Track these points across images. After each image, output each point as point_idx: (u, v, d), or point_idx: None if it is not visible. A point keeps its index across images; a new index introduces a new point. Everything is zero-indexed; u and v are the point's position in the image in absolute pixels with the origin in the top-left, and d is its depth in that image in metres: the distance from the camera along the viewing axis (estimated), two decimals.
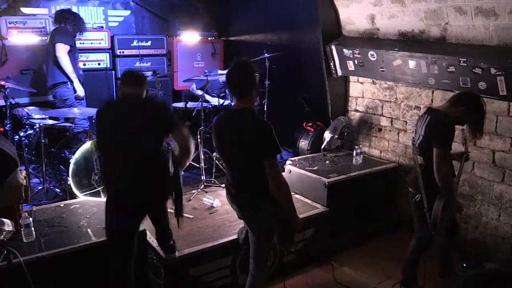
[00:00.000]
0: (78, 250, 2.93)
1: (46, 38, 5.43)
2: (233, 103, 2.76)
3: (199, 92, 6.02)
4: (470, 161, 4.20)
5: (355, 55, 4.86)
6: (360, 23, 4.86)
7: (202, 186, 4.71)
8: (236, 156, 2.76)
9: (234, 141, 2.71)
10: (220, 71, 5.42)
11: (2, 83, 4.37)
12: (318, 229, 4.06)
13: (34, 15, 5.65)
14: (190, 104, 5.50)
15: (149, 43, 6.68)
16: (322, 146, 5.16)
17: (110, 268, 2.84)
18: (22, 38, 5.40)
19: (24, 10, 5.70)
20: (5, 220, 2.85)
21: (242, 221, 3.00)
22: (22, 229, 2.96)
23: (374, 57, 4.65)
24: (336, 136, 5.16)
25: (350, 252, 4.30)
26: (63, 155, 4.37)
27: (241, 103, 2.73)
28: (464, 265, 3.87)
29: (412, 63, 4.29)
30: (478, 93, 3.37)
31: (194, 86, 6.26)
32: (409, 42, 4.44)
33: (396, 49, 4.40)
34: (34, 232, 3.00)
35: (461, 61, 3.83)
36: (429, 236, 3.22)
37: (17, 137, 4.54)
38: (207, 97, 5.88)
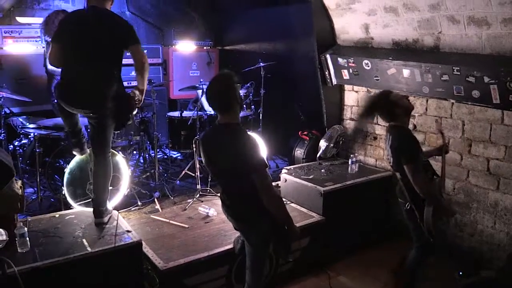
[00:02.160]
0: (73, 261, 2.90)
1: (41, 47, 5.43)
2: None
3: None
4: (465, 169, 4.22)
5: (350, 64, 4.89)
6: (355, 32, 4.90)
7: (198, 195, 4.69)
8: (224, 172, 2.75)
9: (220, 158, 2.69)
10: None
11: None
12: (314, 238, 4.05)
13: (29, 24, 5.64)
14: (185, 113, 5.50)
15: (144, 52, 6.68)
16: (318, 155, 5.17)
17: None
18: (17, 47, 5.40)
19: (20, 19, 5.70)
20: None
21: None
22: (16, 239, 2.93)
23: (368, 66, 4.68)
24: (332, 145, 5.18)
25: (346, 261, 4.29)
26: (57, 164, 4.34)
27: (223, 118, 2.68)
28: (461, 273, 3.87)
29: (406, 72, 4.32)
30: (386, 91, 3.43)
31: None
32: (403, 51, 4.48)
33: (390, 58, 4.44)
34: (28, 242, 2.97)
35: (455, 70, 3.86)
36: (429, 244, 3.23)
37: (11, 146, 4.52)
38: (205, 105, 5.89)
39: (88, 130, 4.09)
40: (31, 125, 4.60)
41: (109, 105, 3.36)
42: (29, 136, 4.48)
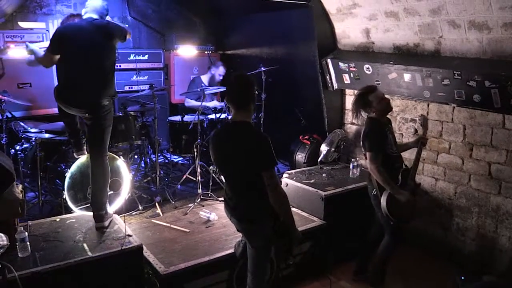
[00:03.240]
0: (74, 265, 2.89)
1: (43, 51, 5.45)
2: (230, 116, 2.83)
3: (196, 103, 6.02)
4: (466, 173, 4.22)
5: (351, 69, 4.89)
6: (356, 37, 4.91)
7: (199, 199, 4.69)
8: (234, 169, 2.78)
9: (232, 154, 2.74)
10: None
11: None
12: (315, 242, 4.05)
13: (31, 29, 5.67)
14: (187, 118, 5.50)
15: (146, 57, 6.71)
16: (319, 159, 5.17)
17: None
18: (19, 52, 5.41)
19: (22, 24, 5.72)
20: (0, 234, 2.83)
21: (239, 234, 2.99)
22: (17, 244, 2.93)
23: (369, 70, 4.68)
24: (333, 149, 5.17)
25: (347, 266, 4.26)
26: (59, 168, 4.34)
27: (238, 115, 2.76)
28: (463, 278, 3.86)
29: (407, 76, 4.32)
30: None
31: (191, 101, 6.24)
32: (404, 55, 4.49)
33: (391, 62, 4.44)
34: (29, 247, 2.97)
35: (456, 74, 3.86)
36: (397, 231, 3.61)
37: (13, 151, 4.52)
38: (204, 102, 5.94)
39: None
40: (33, 130, 4.61)
41: (106, 106, 3.48)
42: (31, 141, 4.49)
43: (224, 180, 2.95)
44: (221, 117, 5.50)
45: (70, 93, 3.48)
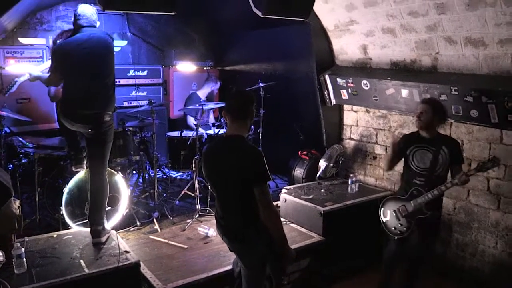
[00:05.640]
0: (70, 282, 2.87)
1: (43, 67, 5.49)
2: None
3: (193, 121, 6.06)
4: (465, 188, 4.20)
5: (349, 84, 4.93)
6: (353, 53, 4.96)
7: (197, 215, 4.67)
8: (227, 184, 2.73)
9: (224, 168, 2.69)
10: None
11: None
12: (314, 258, 4.02)
13: (31, 45, 5.72)
14: (185, 133, 5.51)
15: (145, 73, 6.76)
16: (318, 175, 5.16)
17: None
18: (19, 68, 5.44)
19: (22, 40, 5.77)
20: None
21: None
22: (13, 260, 2.90)
23: (367, 86, 4.71)
24: (331, 165, 5.17)
25: (346, 282, 4.23)
26: (56, 184, 4.33)
27: (233, 128, 2.73)
28: None
29: (404, 92, 4.35)
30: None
31: (191, 120, 6.26)
32: (401, 71, 4.52)
33: (389, 78, 4.47)
34: (25, 263, 2.95)
35: (453, 90, 3.89)
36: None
37: (11, 166, 4.51)
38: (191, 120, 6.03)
39: None
40: (31, 145, 4.61)
41: (107, 121, 3.51)
42: (29, 156, 4.48)
43: (216, 198, 2.87)
44: (219, 133, 5.51)
45: (74, 109, 3.50)
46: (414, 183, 3.48)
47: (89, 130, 3.49)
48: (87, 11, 3.53)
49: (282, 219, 3.06)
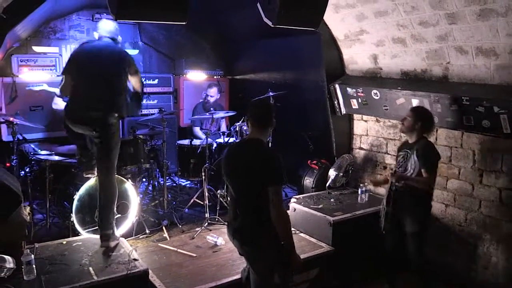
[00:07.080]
0: None
1: (55, 75, 5.57)
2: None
3: (200, 133, 6.15)
4: (477, 199, 4.16)
5: (359, 94, 4.92)
6: (363, 62, 4.95)
7: (206, 223, 4.67)
8: (242, 182, 2.83)
9: (241, 167, 2.81)
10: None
11: (11, 119, 4.43)
12: (323, 269, 3.98)
13: (45, 53, 5.80)
14: (195, 142, 5.53)
15: (156, 81, 6.81)
16: (327, 184, 5.14)
17: None
18: (32, 76, 5.52)
19: (36, 48, 5.86)
20: (6, 256, 2.83)
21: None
22: (23, 266, 2.92)
23: (377, 96, 4.70)
24: (341, 174, 5.15)
25: None
26: (67, 191, 4.36)
27: (254, 133, 2.89)
28: None
29: (415, 102, 4.33)
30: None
31: (196, 129, 6.35)
32: (411, 81, 4.50)
33: (399, 88, 4.46)
34: (35, 270, 2.97)
35: (464, 100, 3.86)
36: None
37: (22, 172, 4.56)
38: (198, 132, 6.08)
39: None
40: (43, 152, 4.66)
41: (112, 125, 3.60)
42: (40, 163, 4.53)
43: (229, 199, 3.02)
44: (229, 141, 5.52)
45: (76, 109, 3.65)
46: (395, 185, 3.77)
47: (94, 133, 3.61)
48: (108, 27, 3.87)
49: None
